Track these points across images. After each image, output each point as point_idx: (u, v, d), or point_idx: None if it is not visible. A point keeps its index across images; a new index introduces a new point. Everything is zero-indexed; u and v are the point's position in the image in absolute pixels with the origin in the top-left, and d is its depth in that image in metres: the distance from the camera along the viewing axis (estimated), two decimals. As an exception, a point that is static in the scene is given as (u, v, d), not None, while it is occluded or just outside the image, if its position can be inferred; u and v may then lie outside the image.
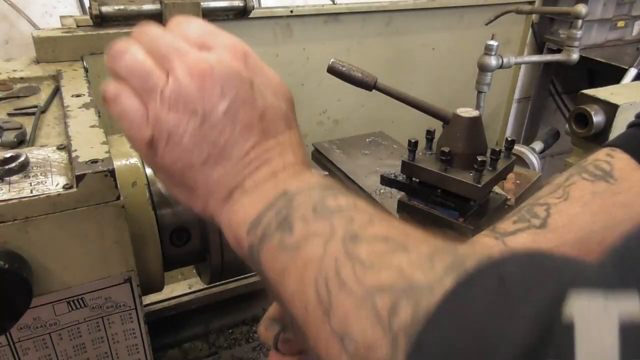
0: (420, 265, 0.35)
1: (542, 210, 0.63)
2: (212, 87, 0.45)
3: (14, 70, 0.99)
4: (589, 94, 1.23)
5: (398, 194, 1.04)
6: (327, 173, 1.36)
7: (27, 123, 0.79)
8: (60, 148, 0.70)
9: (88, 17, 1.12)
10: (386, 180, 1.02)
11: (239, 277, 1.23)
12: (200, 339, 1.27)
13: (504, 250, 0.38)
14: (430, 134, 0.98)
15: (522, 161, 1.87)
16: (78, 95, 0.85)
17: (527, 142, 2.65)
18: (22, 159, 0.64)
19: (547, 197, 0.64)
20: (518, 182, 1.14)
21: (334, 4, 2.30)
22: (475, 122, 0.91)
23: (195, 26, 0.50)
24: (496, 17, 2.18)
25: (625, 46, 3.07)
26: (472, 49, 2.37)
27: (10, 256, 0.59)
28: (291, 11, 2.19)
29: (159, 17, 1.13)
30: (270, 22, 2.20)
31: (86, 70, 1.04)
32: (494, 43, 1.83)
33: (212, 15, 1.23)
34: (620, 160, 0.62)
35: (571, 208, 0.62)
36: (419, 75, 2.63)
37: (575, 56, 2.02)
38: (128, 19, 1.12)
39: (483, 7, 2.53)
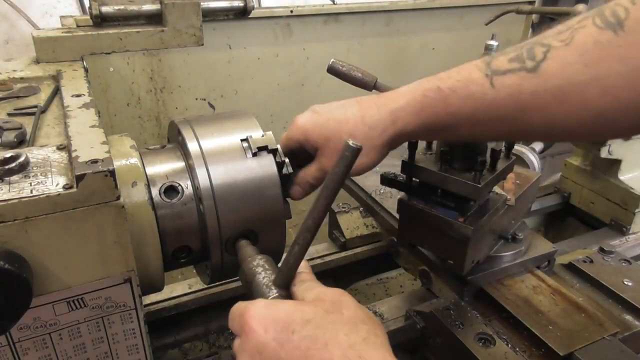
0: None
1: (540, 52, 0.66)
2: None
3: (14, 70, 0.99)
4: (589, 94, 1.22)
5: (398, 194, 1.04)
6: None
7: (27, 123, 0.79)
8: (60, 148, 0.70)
9: (88, 17, 1.11)
10: (386, 180, 1.02)
11: (239, 277, 1.23)
12: (200, 339, 1.27)
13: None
14: (430, 134, 0.98)
15: (522, 161, 1.87)
16: (78, 95, 0.85)
17: (527, 142, 2.65)
18: (22, 159, 0.64)
19: (553, 38, 0.66)
20: (518, 182, 1.14)
21: (334, 4, 2.30)
22: (475, 122, 0.91)
23: None
24: (496, 17, 2.18)
25: (625, 46, 3.07)
26: (472, 49, 2.37)
27: (10, 256, 0.59)
28: (291, 11, 2.19)
29: (158, 17, 1.13)
30: (270, 22, 2.20)
31: (86, 70, 1.03)
32: (494, 43, 1.83)
33: (212, 15, 1.23)
34: (637, 9, 0.61)
35: (568, 55, 0.63)
36: (419, 75, 2.61)
37: (575, 56, 2.02)
38: (128, 19, 1.12)
39: (483, 7, 2.53)
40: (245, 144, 0.84)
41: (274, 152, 0.84)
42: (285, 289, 0.68)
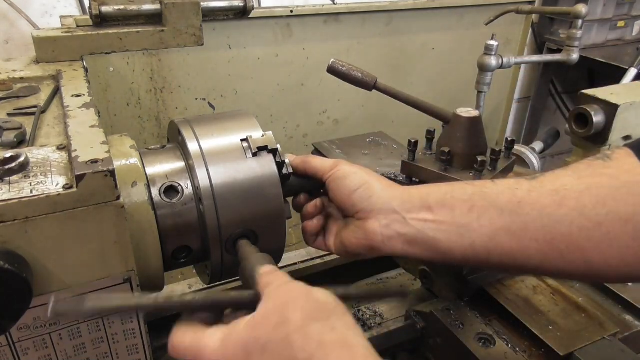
0: None
1: (539, 175, 0.72)
2: None
3: (14, 70, 0.99)
4: (589, 94, 1.23)
5: (398, 194, 1.04)
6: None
7: (27, 123, 0.79)
8: (60, 148, 0.70)
9: (88, 17, 1.11)
10: (386, 180, 1.02)
11: (239, 277, 1.22)
12: (200, 339, 1.27)
13: None
14: (430, 134, 0.98)
15: (522, 161, 1.87)
16: (78, 95, 0.85)
17: (527, 142, 2.65)
18: (22, 159, 0.64)
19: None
20: (518, 182, 1.14)
21: (334, 4, 2.30)
22: (475, 122, 0.91)
23: None
24: (496, 17, 2.18)
25: (625, 46, 3.07)
26: (472, 49, 2.37)
27: (10, 256, 0.59)
28: (291, 11, 2.19)
29: (158, 17, 1.13)
30: (270, 22, 2.20)
31: (86, 70, 1.04)
32: (494, 43, 1.83)
33: (212, 15, 1.23)
34: (621, 150, 0.70)
35: (562, 172, 0.70)
36: (419, 75, 2.63)
37: (575, 56, 2.02)
38: (128, 19, 1.12)
39: (483, 7, 2.53)
40: (245, 144, 0.84)
41: (274, 152, 0.84)
42: None
